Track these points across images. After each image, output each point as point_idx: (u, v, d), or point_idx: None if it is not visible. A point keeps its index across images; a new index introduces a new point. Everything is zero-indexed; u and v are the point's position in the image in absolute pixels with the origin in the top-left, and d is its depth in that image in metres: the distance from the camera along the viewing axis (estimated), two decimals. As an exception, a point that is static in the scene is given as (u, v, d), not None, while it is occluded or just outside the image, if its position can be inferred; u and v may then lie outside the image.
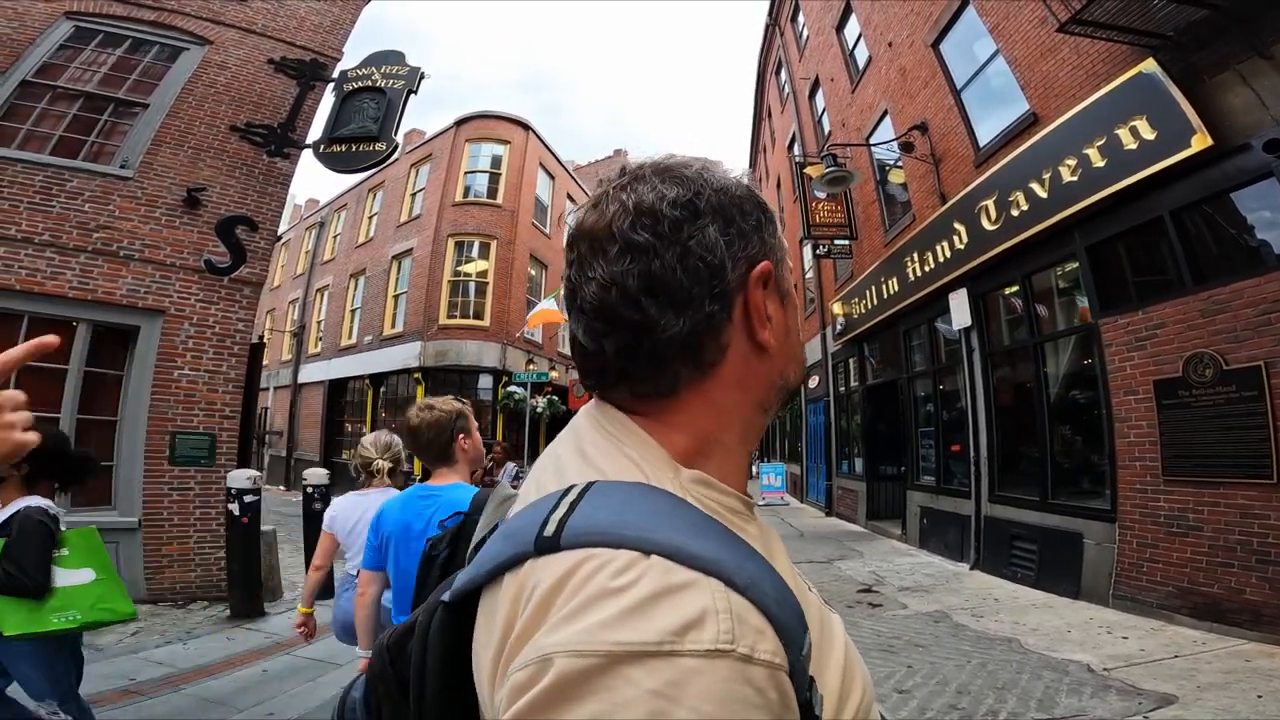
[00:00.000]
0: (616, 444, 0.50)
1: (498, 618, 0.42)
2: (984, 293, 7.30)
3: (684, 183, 0.51)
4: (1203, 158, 4.47)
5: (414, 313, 15.45)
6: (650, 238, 0.48)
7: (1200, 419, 4.47)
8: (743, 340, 0.51)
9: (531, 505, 0.47)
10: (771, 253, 0.54)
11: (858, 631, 4.83)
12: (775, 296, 0.54)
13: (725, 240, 0.50)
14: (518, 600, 0.41)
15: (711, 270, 0.49)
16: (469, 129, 17.39)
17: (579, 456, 0.51)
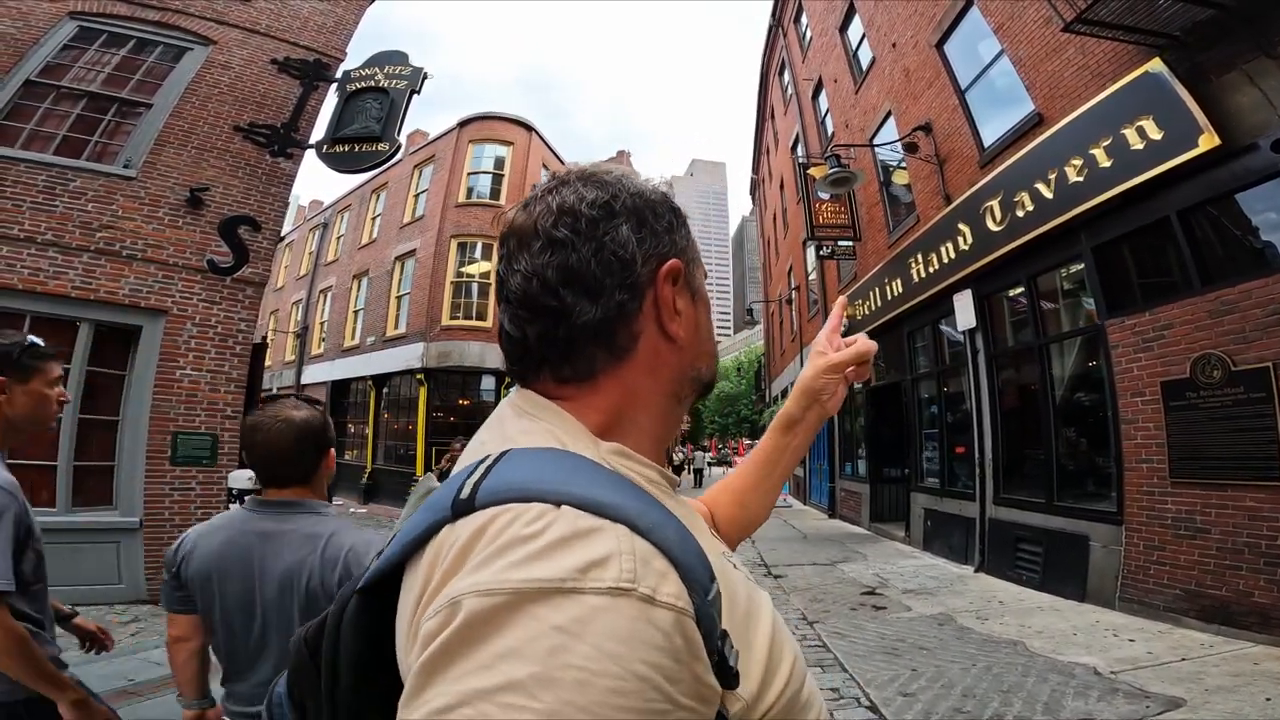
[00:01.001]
0: (535, 420, 0.53)
1: (415, 584, 0.43)
2: (989, 294, 7.27)
3: (603, 186, 0.56)
4: (1210, 158, 4.43)
5: (417, 314, 15.45)
6: (569, 234, 0.53)
7: (1208, 420, 4.43)
8: (653, 330, 0.55)
9: (449, 479, 0.48)
10: (682, 253, 0.58)
11: (861, 634, 4.80)
12: (685, 293, 0.58)
13: (637, 238, 0.55)
14: (434, 561, 0.42)
15: (623, 264, 0.53)
16: (472, 130, 17.40)
17: (498, 434, 0.53)
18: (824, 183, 8.46)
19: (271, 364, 23.42)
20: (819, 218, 10.89)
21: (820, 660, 4.28)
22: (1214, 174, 4.51)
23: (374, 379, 16.28)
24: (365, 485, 15.70)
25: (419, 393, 14.55)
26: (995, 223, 6.72)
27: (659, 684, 0.35)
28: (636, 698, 0.34)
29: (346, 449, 17.79)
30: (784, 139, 18.04)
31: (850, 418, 12.44)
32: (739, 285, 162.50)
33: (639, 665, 0.35)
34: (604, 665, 0.34)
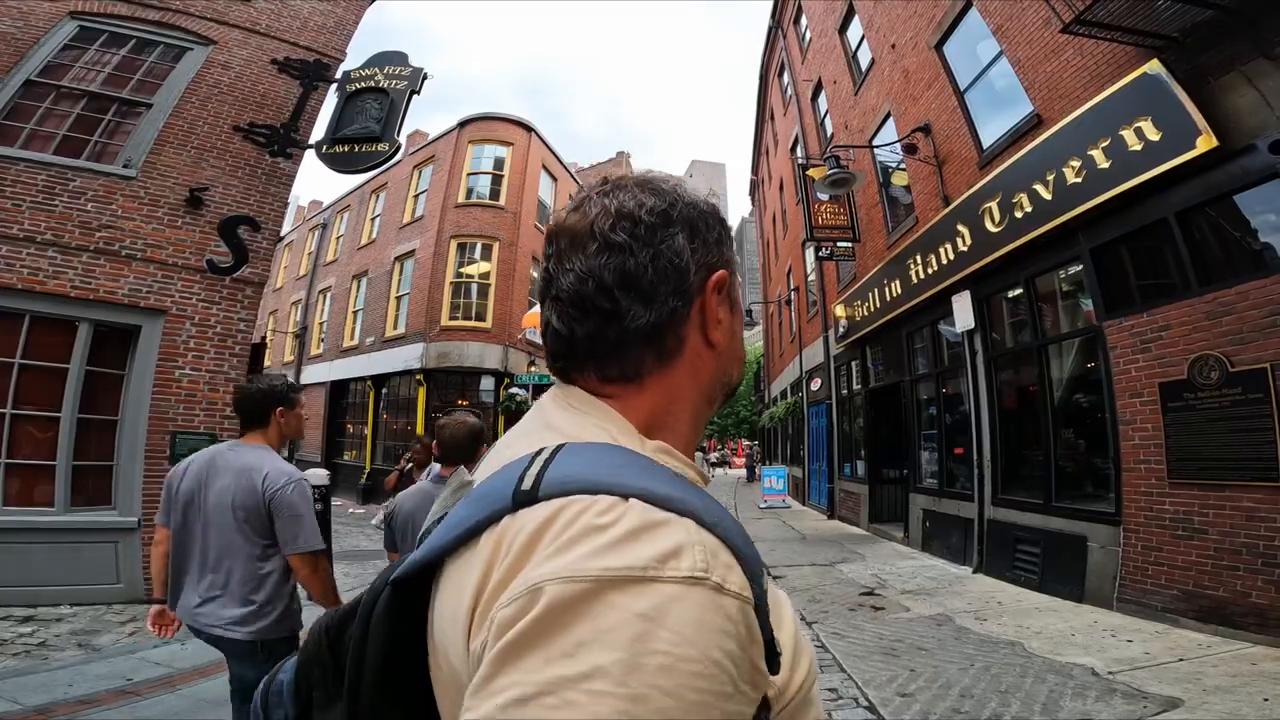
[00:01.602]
0: (584, 416, 0.54)
1: (472, 575, 0.43)
2: (987, 295, 7.28)
3: (661, 194, 0.58)
4: (1208, 159, 4.44)
5: (416, 314, 15.45)
6: (628, 238, 0.54)
7: (1206, 421, 4.44)
8: (697, 337, 0.58)
9: (498, 471, 0.49)
10: (728, 264, 0.61)
11: (860, 635, 4.80)
12: (726, 303, 0.60)
13: (691, 248, 0.57)
14: (496, 552, 0.43)
15: (678, 272, 0.56)
16: (472, 130, 17.41)
17: (545, 428, 0.54)
18: (823, 183, 8.46)
19: (270, 364, 23.43)
20: (818, 219, 10.90)
21: (819, 661, 4.28)
22: (1212, 176, 4.52)
23: (373, 379, 16.28)
24: (364, 485, 15.67)
25: (418, 393, 14.55)
26: (994, 224, 6.73)
27: (728, 668, 0.37)
28: (712, 681, 0.36)
29: (345, 449, 17.80)
30: (783, 140, 18.06)
31: (850, 419, 12.45)
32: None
33: (715, 650, 0.36)
34: (684, 650, 0.35)
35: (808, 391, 15.31)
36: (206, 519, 2.25)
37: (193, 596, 2.25)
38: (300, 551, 2.24)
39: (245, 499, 2.22)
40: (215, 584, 2.23)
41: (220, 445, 2.44)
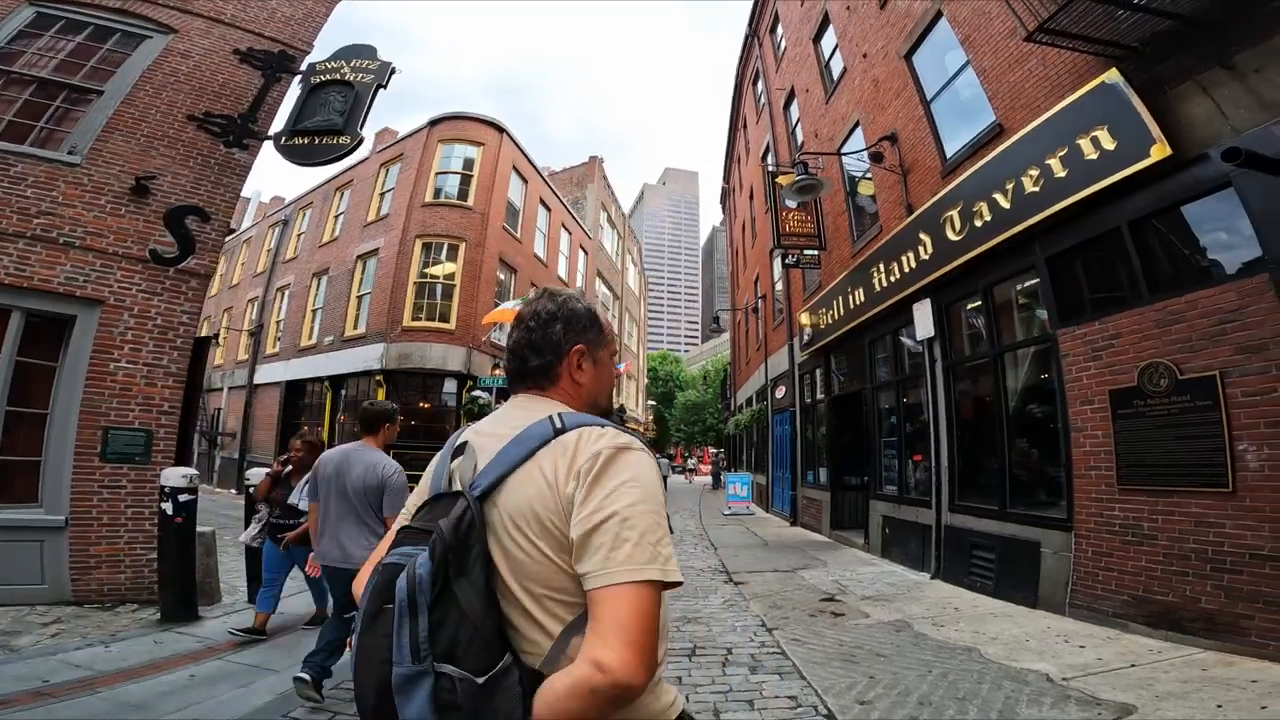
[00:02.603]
0: (545, 402, 1.13)
1: (546, 468, 0.96)
2: (948, 304, 7.37)
3: (555, 304, 1.17)
4: (1162, 168, 4.50)
5: (377, 314, 15.08)
6: (535, 324, 1.15)
7: (1155, 428, 4.52)
8: (569, 374, 1.16)
9: (525, 429, 1.03)
10: (590, 341, 1.17)
11: (820, 641, 4.76)
12: (589, 362, 1.17)
13: (564, 332, 1.15)
14: (561, 450, 0.98)
15: (553, 344, 1.14)
16: (442, 129, 17.16)
17: (526, 412, 1.09)
18: (790, 189, 8.50)
19: (224, 362, 22.67)
20: (786, 226, 10.97)
21: (779, 667, 4.22)
22: (1165, 185, 4.59)
23: (331, 380, 15.82)
24: (319, 489, 15.19)
25: (378, 395, 14.15)
26: (955, 232, 6.83)
27: (659, 481, 0.98)
28: (658, 485, 0.96)
29: (301, 452, 17.22)
30: (755, 148, 18.21)
31: (813, 426, 12.53)
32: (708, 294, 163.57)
33: (657, 474, 0.98)
34: (650, 472, 0.97)
35: (772, 399, 15.38)
36: (343, 493, 3.44)
37: (333, 544, 3.42)
38: (394, 514, 3.30)
39: (373, 482, 3.44)
40: (353, 534, 3.40)
41: (349, 445, 3.61)
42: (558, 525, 0.92)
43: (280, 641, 4.78)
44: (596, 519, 0.89)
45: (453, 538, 0.92)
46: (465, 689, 0.84)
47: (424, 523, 0.98)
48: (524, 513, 0.94)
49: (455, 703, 0.84)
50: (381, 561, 0.97)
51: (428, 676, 0.85)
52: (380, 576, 0.94)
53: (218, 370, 22.93)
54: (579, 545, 0.89)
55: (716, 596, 6.37)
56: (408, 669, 0.86)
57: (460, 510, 0.94)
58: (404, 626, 0.87)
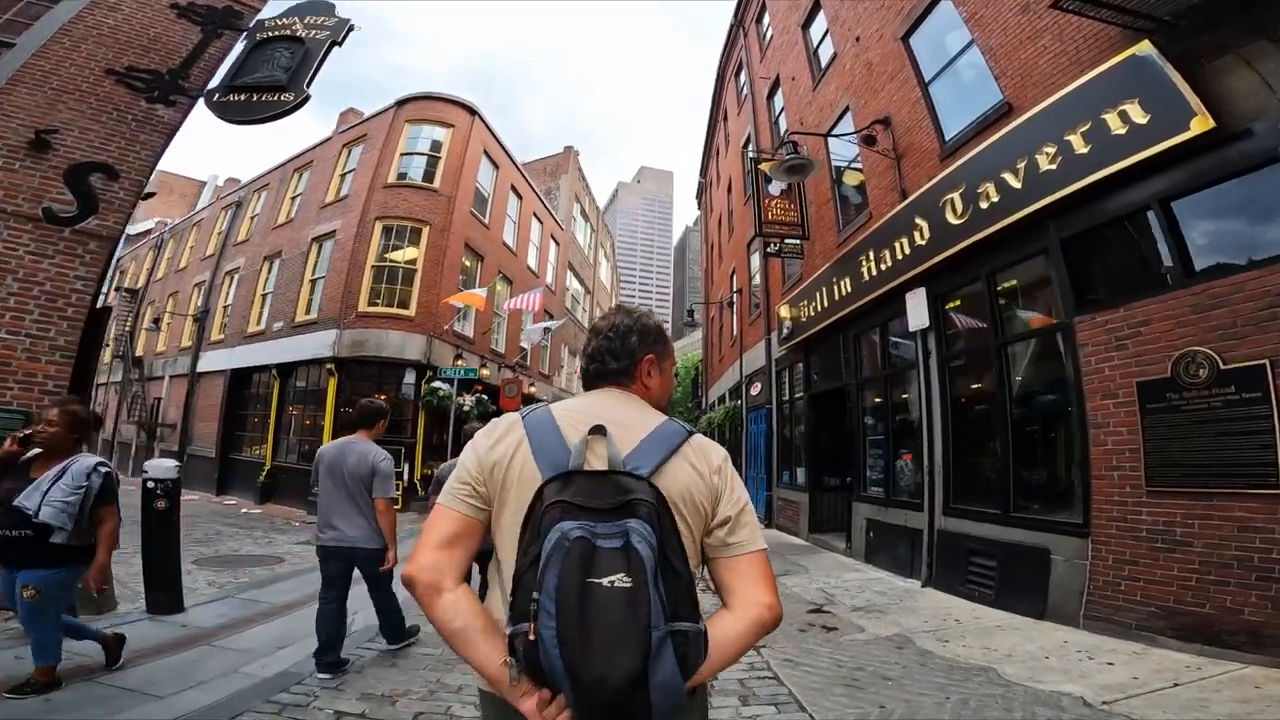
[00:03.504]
0: (634, 400, 1.34)
1: (693, 458, 1.20)
2: (944, 293, 6.92)
3: (631, 318, 1.41)
4: (1200, 143, 4.12)
5: (331, 298, 14.09)
6: (614, 335, 1.38)
7: (1191, 424, 4.07)
8: (641, 379, 1.38)
9: (661, 426, 1.23)
10: (658, 352, 1.40)
11: (815, 661, 4.18)
12: (656, 370, 1.40)
13: (638, 342, 1.37)
14: (698, 450, 1.22)
15: (629, 352, 1.36)
16: (410, 110, 16.29)
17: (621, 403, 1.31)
18: (779, 169, 7.97)
19: (166, 349, 21.27)
20: (768, 214, 10.45)
21: (774, 696, 3.61)
22: (1203, 161, 4.20)
23: (279, 368, 14.73)
24: (262, 484, 14.14)
25: (329, 384, 13.20)
26: (955, 215, 6.37)
27: None
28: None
29: (245, 444, 16.10)
30: (735, 140, 17.74)
31: (790, 424, 12.04)
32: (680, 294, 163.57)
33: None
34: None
35: (747, 396, 14.89)
36: (342, 480, 3.88)
37: (334, 528, 3.88)
38: (381, 496, 3.93)
39: (365, 470, 3.89)
40: (352, 516, 3.88)
41: (347, 438, 4.08)
42: (706, 507, 1.18)
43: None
44: (739, 505, 1.20)
45: (661, 510, 1.07)
46: (694, 638, 1.01)
47: (586, 499, 1.04)
48: (685, 495, 1.15)
49: (686, 654, 0.99)
50: (568, 535, 0.99)
51: (669, 636, 0.97)
52: (575, 553, 0.98)
53: (159, 358, 21.56)
54: (733, 522, 1.19)
55: (694, 606, 5.75)
56: (662, 630, 0.96)
57: (648, 486, 1.09)
58: (655, 592, 0.97)
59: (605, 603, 0.94)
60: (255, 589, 6.12)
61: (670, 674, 0.94)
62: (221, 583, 6.38)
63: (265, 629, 4.84)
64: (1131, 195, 4.69)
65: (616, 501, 1.03)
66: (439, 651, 4.42)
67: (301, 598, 5.83)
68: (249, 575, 6.80)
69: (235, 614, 5.18)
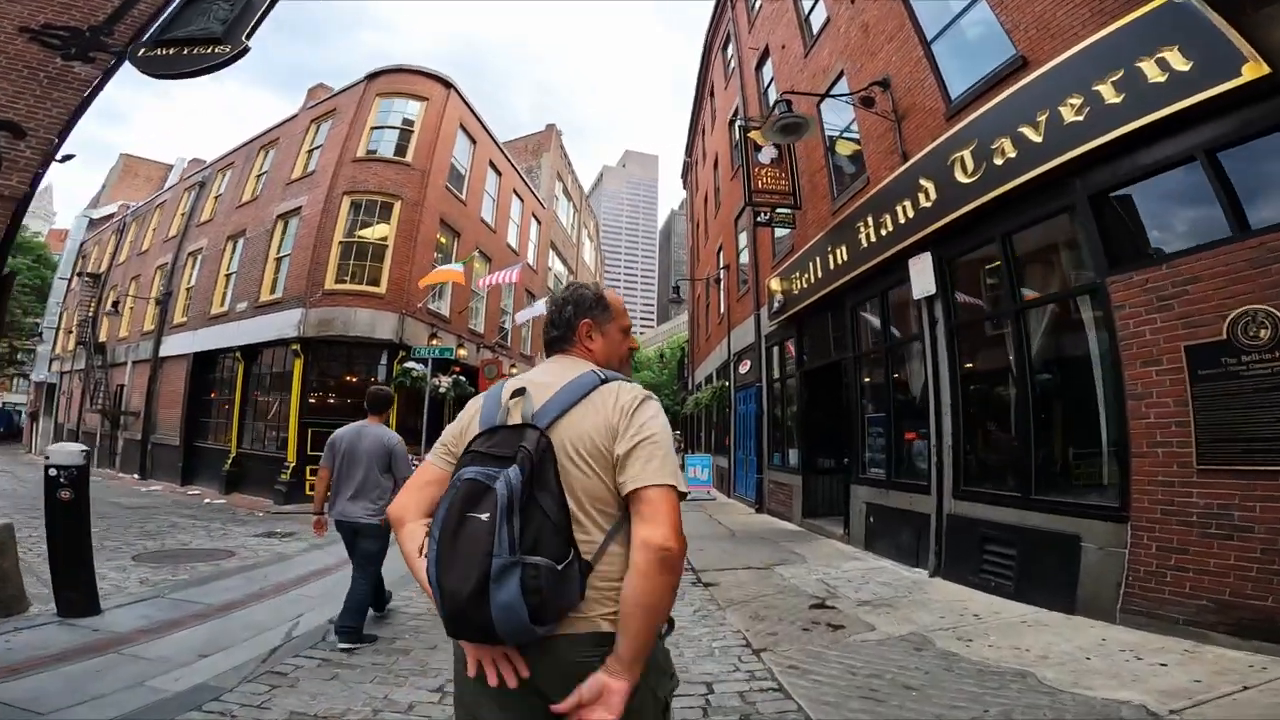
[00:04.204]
0: (575, 362, 1.43)
1: (603, 405, 1.28)
2: (951, 257, 6.39)
3: (568, 290, 1.54)
4: (1252, 90, 3.64)
5: (296, 276, 13.30)
6: (555, 305, 1.53)
7: (1254, 393, 3.57)
8: (581, 342, 1.49)
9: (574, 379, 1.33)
10: (595, 317, 1.50)
11: (824, 667, 3.65)
12: (597, 333, 1.50)
13: (574, 311, 1.50)
14: (607, 394, 1.30)
15: (565, 320, 1.50)
16: (382, 83, 15.50)
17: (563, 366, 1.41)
18: (772, 128, 7.38)
19: (128, 334, 20.33)
20: (758, 183, 9.84)
21: (781, 713, 3.08)
22: (1256, 109, 3.73)
23: (243, 350, 13.94)
24: (228, 473, 13.40)
25: (294, 366, 12.45)
26: (966, 174, 5.82)
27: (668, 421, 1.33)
28: (668, 423, 1.31)
29: (209, 432, 15.32)
30: (722, 115, 17.06)
31: (781, 404, 11.54)
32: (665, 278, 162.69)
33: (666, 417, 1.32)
34: (663, 415, 1.31)
35: (735, 375, 14.37)
36: (358, 461, 4.28)
37: (346, 502, 4.24)
38: (404, 476, 4.25)
39: (381, 450, 4.32)
40: (360, 494, 4.25)
41: (361, 422, 4.45)
42: (608, 448, 1.22)
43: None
44: (632, 442, 1.22)
45: (538, 456, 1.17)
46: (547, 573, 1.09)
47: (492, 448, 1.20)
48: (583, 439, 1.23)
49: (538, 586, 1.08)
50: (460, 477, 1.18)
51: (518, 566, 1.08)
52: (461, 491, 1.15)
53: (121, 343, 20.62)
54: (623, 459, 1.21)
55: (684, 603, 5.22)
56: (505, 559, 1.07)
57: (537, 436, 1.19)
58: (503, 526, 1.09)
59: (472, 532, 1.10)
60: (192, 587, 5.50)
61: (510, 597, 1.06)
62: (157, 580, 5.75)
63: (190, 634, 4.24)
64: (1173, 146, 4.18)
65: (514, 450, 1.17)
66: (390, 661, 3.84)
67: (244, 597, 5.22)
68: (190, 572, 6.16)
69: (161, 616, 4.57)
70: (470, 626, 1.10)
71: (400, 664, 3.82)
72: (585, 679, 1.12)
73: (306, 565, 6.61)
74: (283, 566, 6.54)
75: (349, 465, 4.26)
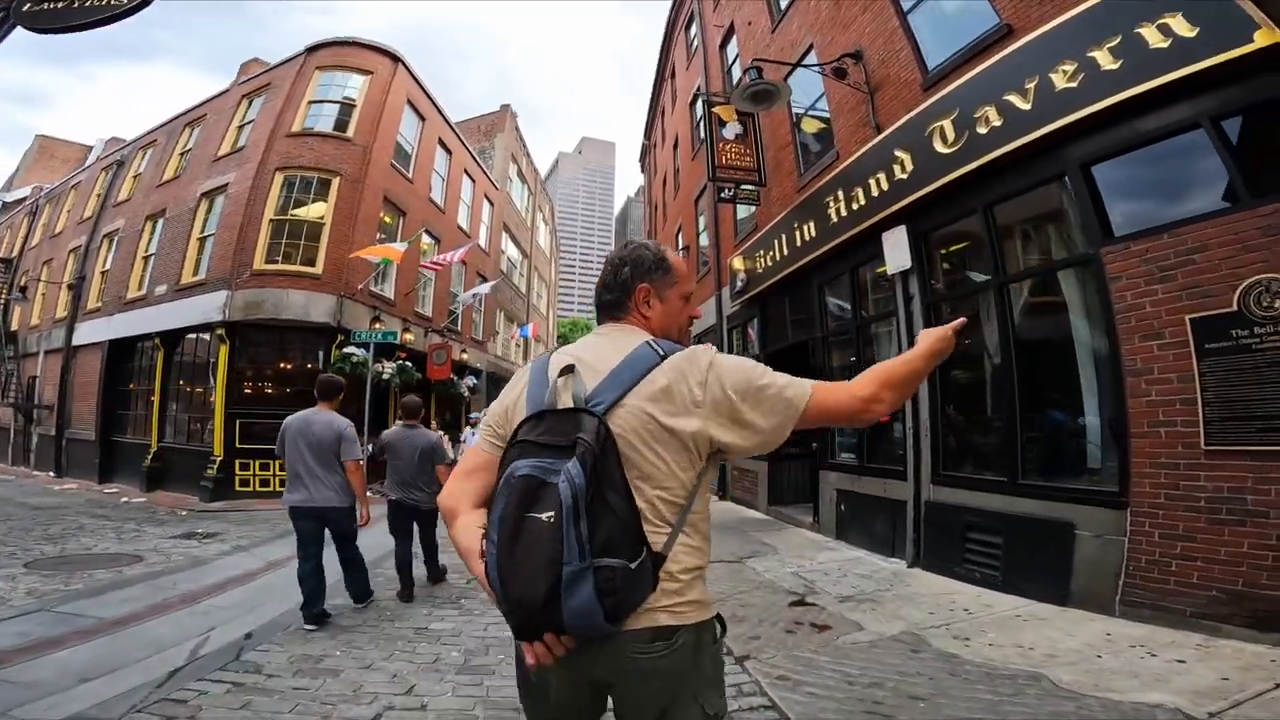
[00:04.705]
0: (628, 332, 1.32)
1: (662, 382, 1.17)
2: (927, 230, 6.10)
3: (625, 249, 1.40)
4: (1262, 57, 3.41)
5: (221, 256, 12.22)
6: (611, 266, 1.40)
7: (1270, 367, 3.33)
8: (637, 309, 1.37)
9: (632, 353, 1.22)
10: (653, 281, 1.37)
11: (817, 676, 3.26)
12: (656, 299, 1.37)
13: (631, 273, 1.36)
14: (674, 365, 1.19)
15: (621, 284, 1.37)
16: (323, 56, 14.53)
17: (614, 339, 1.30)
18: (742, 95, 6.95)
19: (40, 322, 18.64)
20: (722, 158, 9.43)
21: (779, 736, 2.67)
22: (1266, 78, 3.49)
23: (163, 337, 12.77)
24: (149, 469, 12.29)
25: (220, 353, 11.43)
26: (946, 144, 5.52)
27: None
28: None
29: (127, 425, 14.08)
30: (683, 96, 16.58)
31: (745, 392, 11.21)
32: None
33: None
34: (735, 358, 1.25)
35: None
36: (311, 447, 4.27)
37: (304, 490, 4.25)
38: (350, 459, 4.35)
39: (331, 435, 4.32)
40: (320, 481, 4.27)
41: (310, 410, 4.45)
42: (681, 429, 1.15)
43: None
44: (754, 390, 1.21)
45: (599, 448, 1.07)
46: (622, 574, 1.04)
47: (544, 437, 1.10)
48: (647, 424, 1.14)
49: (614, 588, 1.03)
50: (514, 473, 1.08)
51: (590, 571, 1.02)
52: (517, 489, 1.06)
53: (33, 332, 18.90)
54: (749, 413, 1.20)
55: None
56: (576, 565, 1.01)
57: (596, 424, 1.09)
58: (571, 530, 1.01)
59: (535, 534, 1.02)
60: (85, 599, 4.77)
61: (583, 602, 1.01)
62: (46, 591, 4.98)
63: (72, 654, 3.59)
64: (1175, 113, 3.92)
65: (572, 439, 1.08)
66: (317, 685, 3.27)
67: (145, 609, 4.53)
68: (86, 580, 5.38)
69: (41, 633, 3.89)
70: (540, 632, 1.07)
71: (329, 688, 3.26)
72: (646, 671, 1.12)
73: (225, 570, 5.89)
74: (197, 573, 5.79)
75: (300, 452, 4.28)
